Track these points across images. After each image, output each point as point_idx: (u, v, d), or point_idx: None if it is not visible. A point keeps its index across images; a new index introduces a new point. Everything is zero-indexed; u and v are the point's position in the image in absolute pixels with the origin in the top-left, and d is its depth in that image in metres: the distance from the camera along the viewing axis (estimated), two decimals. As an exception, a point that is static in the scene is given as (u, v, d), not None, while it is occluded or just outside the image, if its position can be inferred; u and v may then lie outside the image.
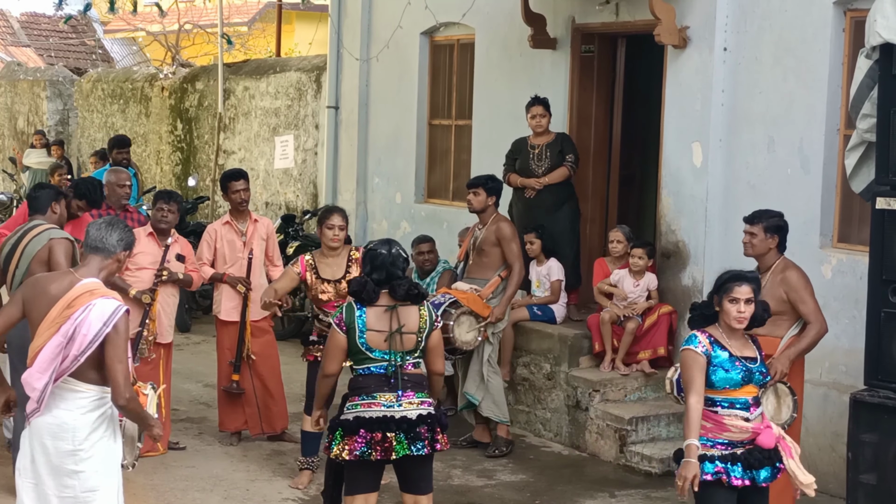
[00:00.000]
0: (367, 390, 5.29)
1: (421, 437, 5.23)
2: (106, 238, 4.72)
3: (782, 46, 7.53)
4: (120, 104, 15.76)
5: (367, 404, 5.27)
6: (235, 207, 7.97)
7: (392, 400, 5.26)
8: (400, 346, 5.29)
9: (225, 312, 7.85)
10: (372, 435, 5.20)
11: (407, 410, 5.26)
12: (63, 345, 4.48)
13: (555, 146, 8.60)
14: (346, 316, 5.29)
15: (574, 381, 8.14)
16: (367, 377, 5.32)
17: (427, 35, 10.74)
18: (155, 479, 6.95)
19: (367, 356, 5.29)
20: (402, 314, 5.30)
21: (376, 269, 5.35)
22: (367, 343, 5.27)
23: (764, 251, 6.21)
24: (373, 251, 5.42)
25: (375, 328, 5.27)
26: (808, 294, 6.12)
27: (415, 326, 5.33)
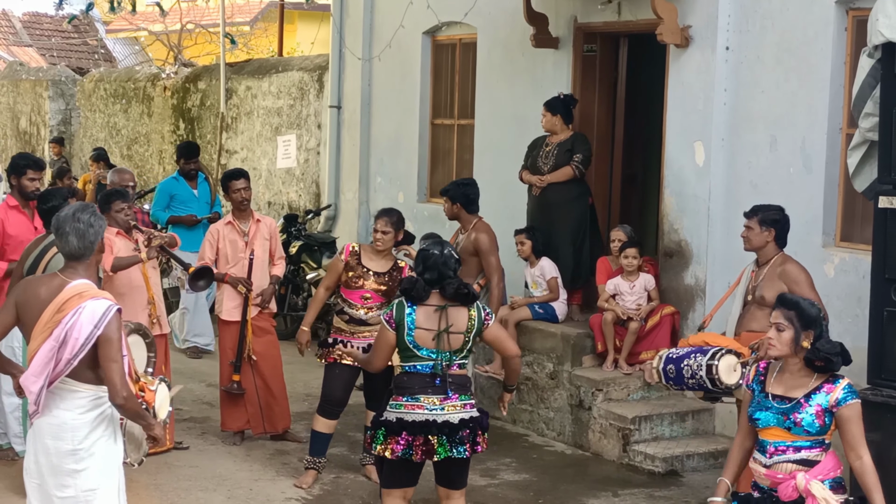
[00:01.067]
0: (411, 391, 5.37)
1: (463, 440, 5.33)
2: (80, 245, 4.62)
3: (784, 46, 7.53)
4: (122, 104, 15.77)
5: (411, 406, 5.35)
6: (237, 207, 7.97)
7: (436, 403, 5.34)
8: (447, 346, 5.36)
9: (227, 312, 7.86)
10: (414, 437, 5.29)
11: (450, 414, 5.35)
12: (55, 349, 4.47)
13: (564, 145, 8.60)
14: (397, 313, 5.38)
15: (577, 380, 8.15)
16: (412, 376, 5.39)
17: (429, 35, 10.75)
18: (158, 479, 6.96)
19: (414, 354, 5.37)
20: (451, 314, 5.39)
21: (428, 269, 5.42)
22: (414, 341, 5.35)
23: (761, 244, 6.22)
24: (425, 251, 5.50)
25: (424, 326, 5.35)
26: (808, 287, 6.10)
27: (463, 327, 5.40)
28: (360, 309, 6.88)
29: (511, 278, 8.96)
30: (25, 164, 7.32)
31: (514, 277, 9.03)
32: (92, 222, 4.66)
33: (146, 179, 14.97)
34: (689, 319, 8.03)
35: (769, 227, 6.21)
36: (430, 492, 6.32)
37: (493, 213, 8.97)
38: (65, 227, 4.63)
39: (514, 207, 9.13)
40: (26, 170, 7.26)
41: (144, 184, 14.61)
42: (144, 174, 15.12)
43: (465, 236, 7.77)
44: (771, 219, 6.22)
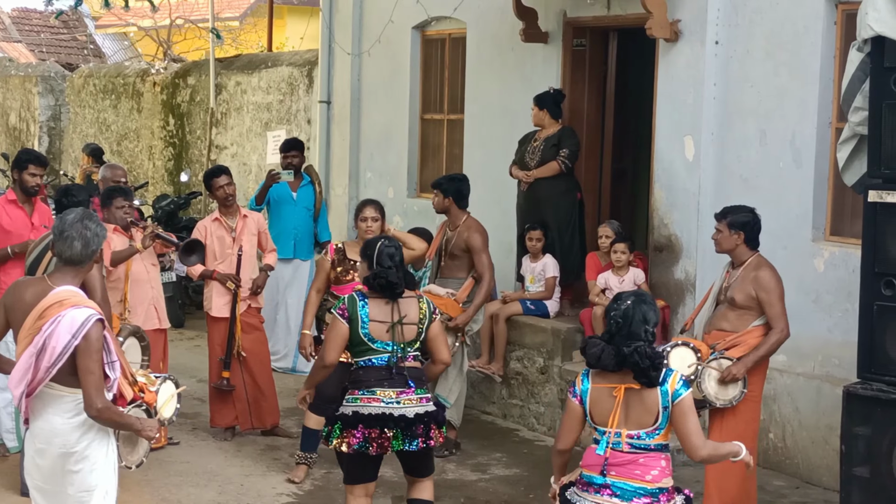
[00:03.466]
0: (367, 384, 5.38)
1: (416, 434, 5.34)
2: (83, 252, 4.59)
3: (774, 40, 7.54)
4: (112, 99, 15.72)
5: (367, 399, 5.36)
6: (222, 203, 7.97)
7: (392, 396, 5.35)
8: (401, 337, 5.38)
9: (216, 309, 7.85)
10: (370, 431, 5.29)
11: (406, 408, 5.35)
12: (34, 355, 4.44)
13: (551, 140, 8.60)
14: (349, 307, 5.39)
15: (567, 374, 8.15)
16: (367, 370, 5.39)
17: (418, 29, 10.73)
18: (149, 475, 6.94)
19: (368, 347, 5.37)
20: (402, 306, 5.42)
21: (395, 266, 5.47)
22: (369, 333, 5.36)
23: (731, 247, 6.15)
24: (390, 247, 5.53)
25: (378, 319, 5.36)
26: (776, 297, 6.03)
27: (415, 318, 5.44)
28: None
29: (501, 274, 8.96)
30: (28, 158, 7.31)
31: (503, 273, 9.04)
32: (98, 232, 4.66)
33: (136, 175, 14.93)
34: (679, 314, 8.04)
35: (738, 229, 6.10)
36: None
37: (483, 208, 8.97)
38: (71, 232, 4.59)
39: (504, 202, 9.13)
40: (28, 164, 7.25)
41: (134, 179, 14.57)
42: (134, 170, 15.07)
43: (455, 233, 7.75)
44: (740, 221, 6.11)
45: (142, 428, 4.64)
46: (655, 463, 4.44)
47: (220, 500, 6.74)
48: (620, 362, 4.41)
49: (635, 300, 4.50)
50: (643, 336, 4.44)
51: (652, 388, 4.43)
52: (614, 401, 4.43)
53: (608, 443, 4.41)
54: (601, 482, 4.44)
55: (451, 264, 7.76)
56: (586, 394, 4.53)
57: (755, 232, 6.16)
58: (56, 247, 4.63)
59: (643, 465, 4.42)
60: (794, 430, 7.26)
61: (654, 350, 4.45)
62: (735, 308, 6.07)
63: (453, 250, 7.71)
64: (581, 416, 4.56)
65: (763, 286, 6.00)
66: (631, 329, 4.43)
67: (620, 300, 4.53)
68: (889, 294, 5.92)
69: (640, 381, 4.41)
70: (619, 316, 4.47)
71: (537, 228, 8.48)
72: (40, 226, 7.16)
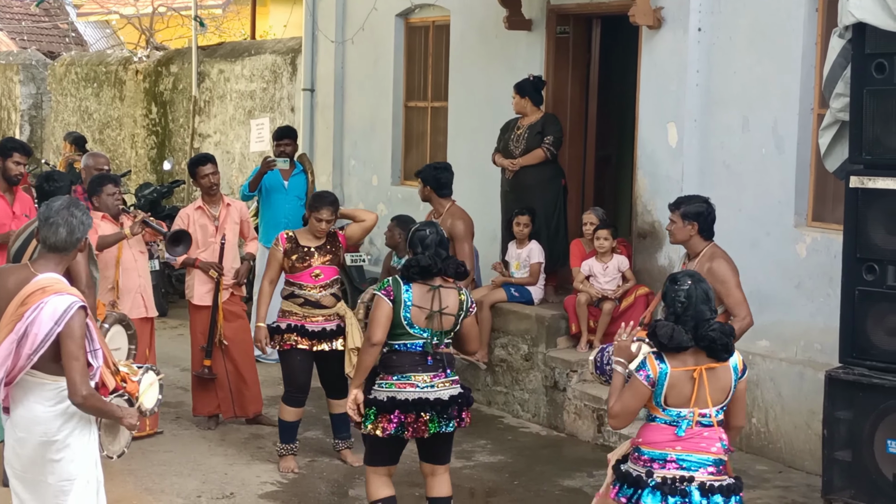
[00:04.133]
0: (401, 369, 5.42)
1: (452, 416, 5.41)
2: (68, 238, 4.58)
3: (756, 27, 7.55)
4: (94, 88, 15.64)
5: (402, 384, 5.40)
6: (206, 192, 7.95)
7: (426, 381, 5.40)
8: (439, 326, 5.43)
9: (198, 297, 7.84)
10: (406, 416, 5.35)
11: (440, 391, 5.42)
12: (16, 343, 4.42)
13: (535, 127, 8.60)
14: (395, 289, 5.43)
15: (552, 361, 8.17)
16: (401, 355, 5.43)
17: (402, 17, 10.70)
18: (133, 465, 6.93)
19: (405, 331, 5.42)
20: (443, 295, 5.46)
21: (426, 249, 5.48)
22: (409, 318, 5.40)
23: (684, 238, 6.08)
24: (421, 232, 5.55)
25: (419, 304, 5.40)
26: (733, 286, 5.97)
27: (455, 308, 5.48)
28: (313, 289, 6.93)
29: (485, 261, 8.97)
30: (13, 146, 7.26)
31: (488, 260, 9.05)
32: (83, 220, 4.64)
33: (119, 164, 14.86)
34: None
35: (691, 220, 6.03)
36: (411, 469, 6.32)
37: (468, 195, 8.96)
38: (56, 218, 4.57)
39: (489, 189, 9.13)
40: (13, 152, 7.19)
41: (117, 168, 14.51)
42: (117, 158, 15.00)
43: (438, 221, 7.74)
44: (693, 212, 6.03)
45: (123, 416, 4.62)
46: (717, 436, 4.58)
47: (204, 490, 6.73)
48: (705, 344, 4.49)
49: (693, 280, 4.60)
50: (708, 314, 4.54)
51: (725, 365, 4.55)
52: (693, 383, 4.51)
53: (691, 423, 4.52)
54: (667, 457, 4.55)
55: None
56: (665, 377, 4.52)
57: (709, 223, 6.06)
58: (41, 232, 4.62)
59: (708, 438, 4.56)
60: (777, 415, 7.30)
61: (725, 325, 4.57)
62: None
63: None
64: (648, 397, 4.57)
65: (718, 278, 5.88)
66: (697, 308, 4.53)
67: (678, 282, 4.60)
68: (870, 279, 5.96)
69: (718, 357, 4.51)
70: (683, 297, 4.55)
71: (525, 213, 8.49)
72: (21, 215, 7.12)
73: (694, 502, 4.49)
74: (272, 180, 9.41)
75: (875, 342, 5.96)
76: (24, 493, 4.65)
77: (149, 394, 4.88)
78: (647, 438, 4.62)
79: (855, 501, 6.00)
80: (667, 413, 4.57)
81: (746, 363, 4.77)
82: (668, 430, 4.56)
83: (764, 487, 6.89)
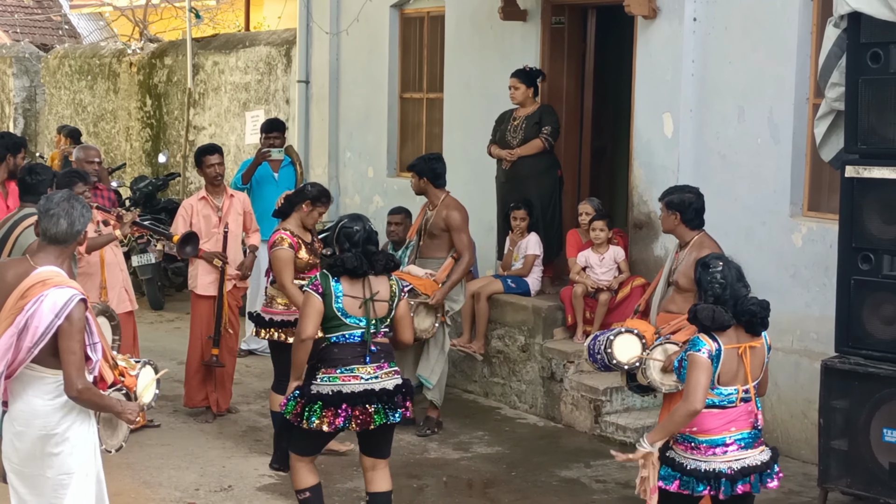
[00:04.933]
0: (344, 362, 5.40)
1: (397, 406, 5.40)
2: (69, 230, 4.58)
3: (751, 16, 7.54)
4: (88, 80, 15.60)
5: (347, 377, 5.38)
6: (210, 182, 7.98)
7: (370, 372, 5.39)
8: (374, 313, 5.40)
9: (202, 287, 7.86)
10: (353, 409, 5.33)
11: (385, 381, 5.42)
12: (16, 336, 4.42)
13: (532, 118, 8.60)
14: (323, 282, 5.43)
15: (548, 352, 8.18)
16: (342, 347, 5.41)
17: (397, 8, 10.68)
18: (130, 458, 6.93)
19: (341, 322, 5.40)
20: (374, 283, 5.46)
21: (354, 246, 5.47)
22: (343, 308, 5.38)
23: (670, 228, 6.12)
24: (348, 229, 5.52)
25: (350, 294, 5.40)
26: None
27: (387, 295, 5.48)
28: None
29: (481, 252, 8.97)
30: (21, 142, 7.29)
31: (484, 252, 9.05)
32: (83, 213, 4.64)
33: (113, 156, 14.84)
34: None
35: (674, 210, 6.05)
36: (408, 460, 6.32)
37: (463, 187, 8.96)
38: (57, 210, 4.57)
39: (484, 181, 9.12)
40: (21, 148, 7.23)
41: (112, 161, 14.49)
42: (111, 151, 14.98)
43: (434, 212, 7.72)
44: (675, 202, 6.05)
45: (122, 410, 4.61)
46: (754, 408, 4.77)
47: (202, 482, 6.74)
48: (747, 318, 4.66)
49: (724, 261, 4.80)
50: (745, 290, 4.74)
51: (760, 341, 4.74)
52: (739, 360, 4.68)
53: (735, 400, 4.69)
54: (726, 440, 4.70)
55: (431, 244, 7.73)
56: (720, 355, 4.64)
57: (693, 212, 6.06)
58: (41, 224, 4.61)
59: (751, 413, 4.77)
60: (773, 405, 7.31)
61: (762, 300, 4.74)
62: (681, 291, 6.02)
63: (432, 230, 7.69)
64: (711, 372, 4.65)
65: None
66: (734, 288, 4.72)
67: (711, 266, 4.77)
68: (866, 268, 5.97)
69: (756, 331, 4.71)
70: (720, 278, 4.73)
71: (521, 207, 8.48)
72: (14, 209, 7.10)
73: (755, 486, 4.72)
74: (262, 173, 9.44)
75: (871, 331, 5.97)
76: (22, 488, 4.64)
77: (149, 389, 4.88)
78: (703, 427, 4.70)
79: (851, 490, 6.02)
80: (716, 392, 4.68)
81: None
82: (719, 415, 4.69)
83: (761, 477, 6.90)
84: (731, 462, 4.68)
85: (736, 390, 4.69)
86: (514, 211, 8.50)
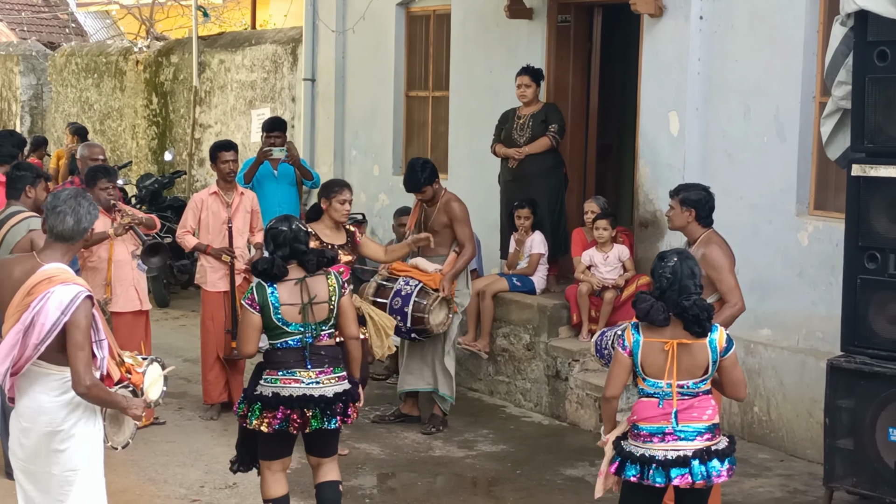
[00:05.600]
0: (286, 365, 5.40)
1: (335, 413, 5.38)
2: (75, 227, 4.59)
3: (757, 14, 7.53)
4: (94, 78, 15.62)
5: (287, 380, 5.38)
6: (223, 178, 8.00)
7: (311, 377, 5.38)
8: (313, 318, 5.39)
9: (211, 283, 7.89)
10: (290, 411, 5.33)
11: (325, 388, 5.39)
12: (22, 332, 4.43)
13: (539, 116, 8.59)
14: (258, 296, 5.39)
15: (554, 351, 8.17)
16: (284, 351, 5.42)
17: (403, 6, 10.68)
18: (135, 455, 6.94)
19: (283, 330, 5.40)
20: (311, 285, 5.42)
21: (280, 247, 5.45)
22: (283, 318, 5.37)
23: (682, 224, 6.10)
24: (274, 229, 5.50)
25: (289, 302, 5.38)
26: (726, 272, 5.95)
27: (325, 296, 5.44)
28: None
29: (486, 251, 8.97)
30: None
31: (488, 251, 9.05)
32: (90, 210, 4.65)
33: (119, 154, 14.86)
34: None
35: (689, 207, 6.02)
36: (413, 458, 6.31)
37: (469, 185, 8.97)
38: (64, 207, 4.58)
39: (491, 178, 9.12)
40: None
41: (118, 159, 14.51)
42: (118, 149, 15.00)
43: (434, 208, 7.69)
44: (691, 199, 6.03)
45: (128, 406, 4.62)
46: (707, 404, 4.81)
47: (207, 480, 6.74)
48: (678, 315, 4.72)
49: (680, 257, 4.84)
50: (693, 289, 4.78)
51: (701, 341, 4.75)
52: (666, 355, 4.75)
53: (671, 395, 4.75)
54: (665, 430, 4.75)
55: (434, 241, 7.72)
56: (638, 346, 4.80)
57: (706, 210, 6.06)
58: (48, 221, 4.62)
59: (699, 408, 4.78)
60: (779, 404, 7.30)
61: (705, 302, 4.78)
62: None
63: (434, 226, 7.67)
64: (630, 366, 4.84)
65: (711, 263, 5.89)
66: (682, 284, 4.77)
67: (665, 259, 4.85)
68: (872, 268, 5.95)
69: (693, 331, 4.73)
70: (669, 272, 4.79)
71: (525, 206, 8.48)
72: None
73: (695, 471, 4.71)
74: (263, 171, 9.48)
75: (877, 330, 5.96)
76: (29, 485, 4.66)
77: (155, 386, 4.89)
78: (642, 415, 4.82)
79: (857, 489, 6.01)
80: (647, 384, 4.81)
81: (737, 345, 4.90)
82: (655, 404, 4.79)
83: (766, 476, 6.89)
84: (667, 451, 4.74)
85: (669, 384, 4.75)
86: (518, 210, 8.50)
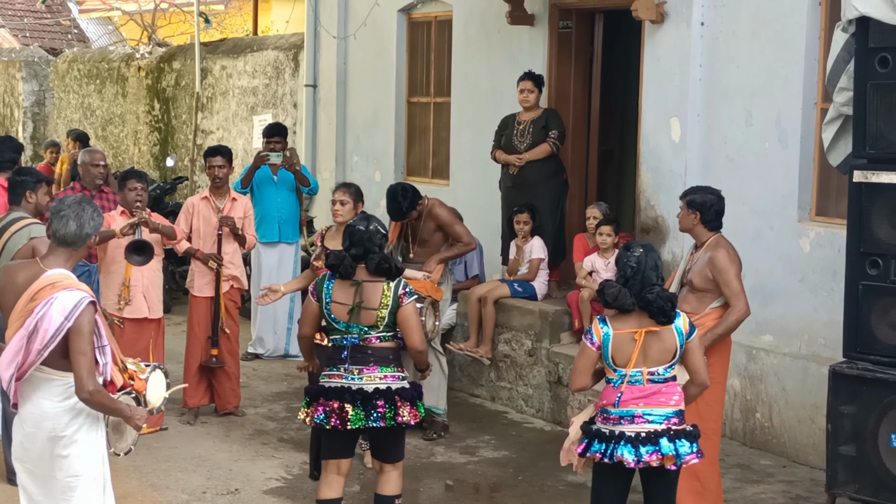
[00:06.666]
0: (333, 361, 5.50)
1: (377, 409, 5.36)
2: (77, 233, 4.60)
3: (759, 20, 7.54)
4: (96, 84, 15.64)
5: (331, 375, 5.48)
6: (213, 183, 8.02)
7: (353, 373, 5.42)
8: (359, 320, 5.43)
9: (197, 288, 7.95)
10: (329, 404, 5.38)
11: (366, 384, 5.40)
12: (26, 338, 4.43)
13: (539, 122, 8.59)
14: (318, 286, 5.52)
15: (555, 357, 8.17)
16: (335, 348, 5.51)
17: (404, 12, 10.70)
18: (137, 461, 6.94)
19: (333, 327, 5.49)
20: (366, 290, 5.42)
21: (354, 245, 5.48)
22: (331, 313, 5.45)
23: (688, 227, 6.12)
24: (352, 227, 5.55)
25: (338, 300, 5.43)
26: (732, 276, 5.96)
27: (376, 303, 5.42)
28: None
29: (487, 257, 8.97)
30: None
31: (489, 256, 9.05)
32: (94, 216, 4.65)
33: (121, 160, 14.88)
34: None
35: (695, 209, 6.05)
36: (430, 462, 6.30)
37: (471, 190, 8.98)
38: (67, 212, 4.59)
39: (492, 184, 9.12)
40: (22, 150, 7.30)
41: (120, 164, 14.52)
42: (119, 155, 15.02)
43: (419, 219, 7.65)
44: (697, 202, 6.06)
45: (131, 416, 4.62)
46: (674, 390, 5.01)
47: (209, 485, 6.74)
48: (643, 305, 4.91)
49: (645, 248, 5.06)
50: (655, 280, 4.98)
51: (668, 328, 4.95)
52: (635, 343, 4.94)
53: (624, 380, 4.94)
54: (634, 413, 4.93)
55: (422, 251, 7.66)
56: (608, 339, 4.97)
57: (713, 213, 6.07)
58: (52, 225, 4.64)
59: (665, 393, 4.98)
60: (781, 410, 7.30)
61: (667, 292, 4.99)
62: (694, 290, 6.04)
63: (422, 235, 7.65)
64: (596, 359, 5.04)
65: (717, 267, 5.93)
66: (644, 274, 4.97)
67: (631, 249, 5.05)
68: (874, 274, 5.95)
69: (659, 320, 4.92)
70: (634, 262, 5.00)
71: (524, 211, 8.48)
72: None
73: (664, 449, 4.89)
74: (262, 175, 9.49)
75: (879, 337, 5.95)
76: (33, 488, 4.66)
77: (156, 392, 4.88)
78: (608, 400, 4.99)
79: (859, 496, 5.99)
80: (617, 373, 4.98)
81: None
82: (627, 389, 4.96)
83: (768, 482, 6.89)
84: (636, 429, 4.92)
85: (639, 371, 4.93)
86: (517, 215, 8.50)
